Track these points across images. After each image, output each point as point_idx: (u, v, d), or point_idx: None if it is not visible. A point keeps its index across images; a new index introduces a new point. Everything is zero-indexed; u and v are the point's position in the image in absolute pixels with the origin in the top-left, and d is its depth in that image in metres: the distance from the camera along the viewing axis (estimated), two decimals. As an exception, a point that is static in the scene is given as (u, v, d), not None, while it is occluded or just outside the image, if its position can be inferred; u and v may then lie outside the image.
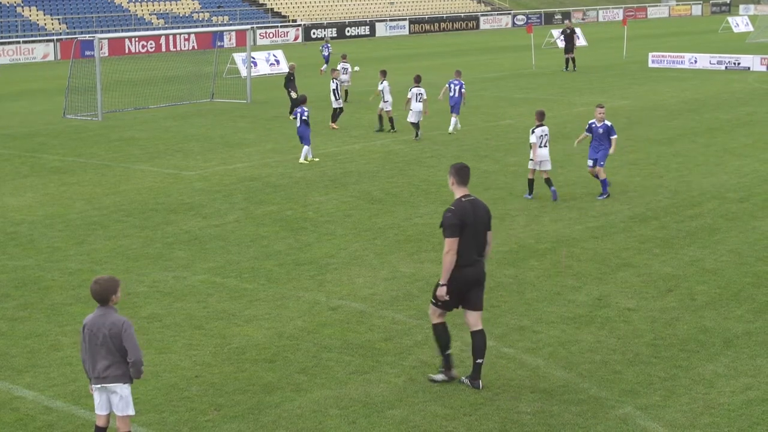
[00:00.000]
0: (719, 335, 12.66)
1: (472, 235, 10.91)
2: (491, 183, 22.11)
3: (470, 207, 10.98)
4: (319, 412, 10.54)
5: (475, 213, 10.99)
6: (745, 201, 20.09)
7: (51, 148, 28.30)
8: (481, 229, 11.05)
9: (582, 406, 10.60)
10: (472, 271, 10.98)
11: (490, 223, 11.19)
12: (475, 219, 10.95)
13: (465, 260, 10.91)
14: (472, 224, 10.91)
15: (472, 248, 10.96)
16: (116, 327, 8.84)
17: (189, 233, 18.23)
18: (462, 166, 11.27)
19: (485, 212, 11.12)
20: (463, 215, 10.87)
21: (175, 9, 74.70)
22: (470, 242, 10.91)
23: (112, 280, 8.95)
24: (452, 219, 10.85)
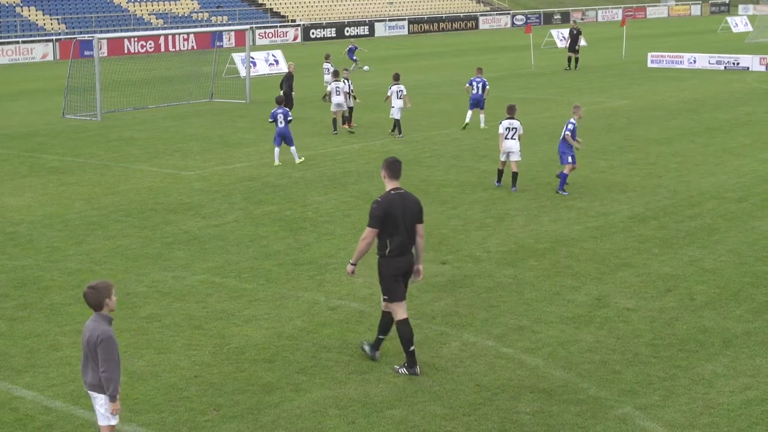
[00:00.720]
0: (718, 335, 12.66)
1: (401, 227, 11.33)
2: (490, 183, 22.10)
3: (399, 200, 11.40)
4: (319, 412, 10.54)
5: (404, 205, 11.40)
6: (744, 201, 20.10)
7: (50, 148, 28.30)
8: (411, 221, 11.43)
9: (581, 406, 10.60)
10: (404, 261, 11.45)
11: (422, 216, 11.55)
12: (403, 211, 11.36)
13: (397, 251, 11.37)
14: (401, 216, 11.33)
15: (403, 240, 11.37)
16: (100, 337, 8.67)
17: (188, 233, 18.23)
18: (393, 161, 11.62)
19: (415, 205, 11.51)
20: (388, 207, 11.29)
21: (174, 9, 74.69)
22: (401, 234, 11.34)
23: (104, 285, 8.81)
24: (377, 210, 11.30)
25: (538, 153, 25.95)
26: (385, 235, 11.35)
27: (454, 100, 37.88)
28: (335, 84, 29.64)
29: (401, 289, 11.52)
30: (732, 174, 22.86)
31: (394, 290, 11.48)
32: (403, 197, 11.46)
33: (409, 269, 11.55)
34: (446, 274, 15.41)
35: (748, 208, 19.45)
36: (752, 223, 18.33)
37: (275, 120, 24.69)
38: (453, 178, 22.72)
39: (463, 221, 18.68)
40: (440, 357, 12.02)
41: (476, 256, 16.39)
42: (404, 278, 11.55)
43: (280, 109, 24.84)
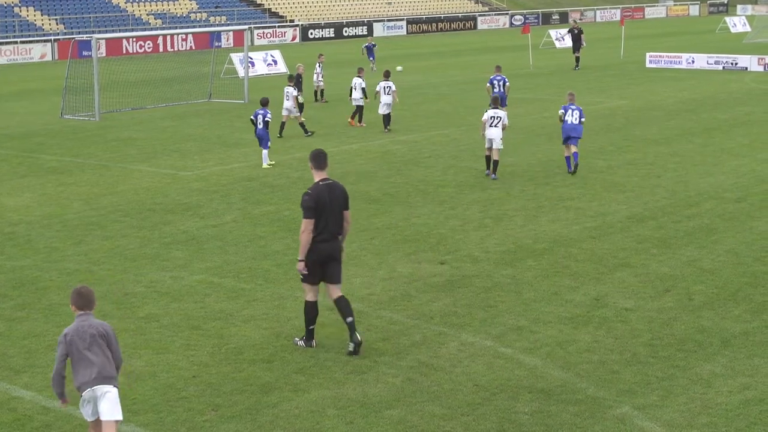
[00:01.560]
0: (717, 335, 12.67)
1: (329, 214, 12.02)
2: (489, 183, 22.11)
3: (326, 190, 12.07)
4: (317, 412, 10.54)
5: (331, 195, 12.07)
6: (743, 201, 20.11)
7: (48, 148, 28.29)
8: (338, 209, 12.12)
9: (580, 406, 10.60)
10: (327, 247, 12.09)
11: (347, 203, 12.25)
12: (331, 200, 12.04)
13: (321, 237, 12.03)
14: (329, 205, 12.01)
15: (329, 226, 12.06)
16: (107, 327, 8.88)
17: (186, 233, 18.22)
18: (319, 152, 12.32)
19: (342, 193, 12.19)
20: (318, 197, 11.95)
21: (172, 9, 74.68)
22: (327, 221, 12.03)
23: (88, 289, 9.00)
24: (309, 202, 11.95)
25: (537, 153, 25.96)
26: (317, 223, 12.02)
27: (452, 101, 37.89)
28: (287, 89, 29.62)
29: (317, 274, 12.14)
30: (730, 174, 22.87)
31: (309, 273, 12.12)
32: (330, 187, 12.13)
33: (334, 253, 12.16)
34: (445, 274, 15.42)
35: (746, 209, 19.46)
36: (750, 224, 18.33)
37: (255, 120, 24.53)
38: (451, 179, 22.72)
39: (461, 221, 18.69)
40: (439, 357, 12.03)
41: (474, 256, 16.40)
42: (328, 262, 12.14)
43: (261, 110, 24.58)
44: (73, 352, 8.82)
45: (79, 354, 8.81)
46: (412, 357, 12.05)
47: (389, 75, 30.22)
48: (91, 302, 8.91)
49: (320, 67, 37.93)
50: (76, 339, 8.79)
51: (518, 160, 25.00)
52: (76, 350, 8.81)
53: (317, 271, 12.16)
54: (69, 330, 8.87)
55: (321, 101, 37.75)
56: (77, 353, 8.82)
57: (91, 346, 8.80)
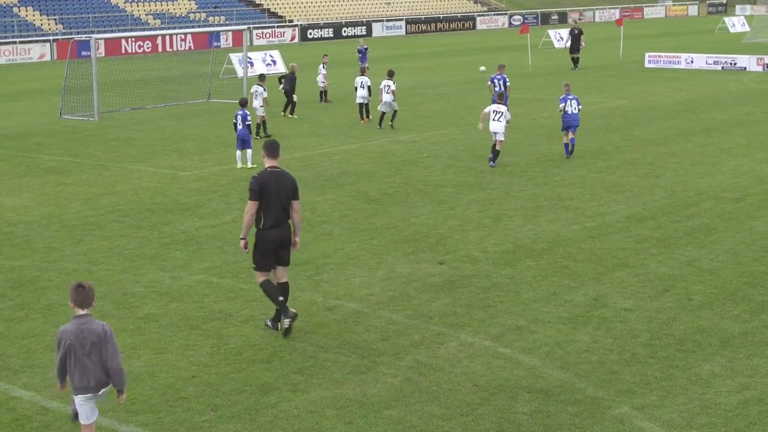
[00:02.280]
0: (716, 335, 12.67)
1: (275, 202, 12.47)
2: (488, 183, 22.11)
3: (274, 177, 12.53)
4: (316, 413, 10.54)
5: (278, 183, 12.53)
6: (742, 201, 20.12)
7: (47, 148, 28.28)
8: (286, 198, 12.58)
9: (579, 406, 10.60)
10: (277, 233, 12.58)
11: (296, 193, 12.71)
12: (277, 188, 12.49)
13: (270, 224, 12.52)
14: (275, 192, 12.47)
15: (277, 214, 12.52)
16: (107, 330, 8.84)
17: (186, 233, 18.22)
18: (272, 142, 12.85)
19: (289, 183, 12.64)
20: (263, 182, 12.44)
21: (171, 9, 74.67)
22: (275, 208, 12.49)
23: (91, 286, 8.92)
24: (254, 185, 12.49)
25: (535, 153, 25.96)
26: (261, 209, 12.49)
27: (451, 101, 37.89)
28: (255, 87, 29.68)
29: (270, 261, 12.70)
30: (729, 174, 22.88)
31: (262, 261, 12.70)
32: (278, 175, 12.59)
33: (284, 240, 12.68)
34: (444, 274, 15.42)
35: (745, 208, 19.47)
36: (749, 223, 18.34)
37: (236, 121, 24.36)
38: (450, 179, 22.72)
39: (460, 221, 18.69)
40: (438, 357, 12.03)
41: (474, 256, 16.40)
42: (278, 249, 12.68)
43: (240, 111, 24.39)
44: (71, 357, 8.79)
45: (77, 360, 8.79)
46: (411, 357, 12.05)
47: (392, 75, 30.80)
48: (90, 300, 8.87)
49: (324, 67, 37.83)
50: (76, 345, 8.74)
51: (517, 159, 25.01)
52: (75, 356, 8.78)
53: (270, 258, 12.66)
54: (67, 332, 8.79)
55: (325, 101, 37.62)
56: (75, 359, 8.79)
57: (90, 354, 8.78)
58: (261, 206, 12.46)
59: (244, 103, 25.01)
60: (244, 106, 24.76)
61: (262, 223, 12.54)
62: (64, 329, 8.86)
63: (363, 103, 32.27)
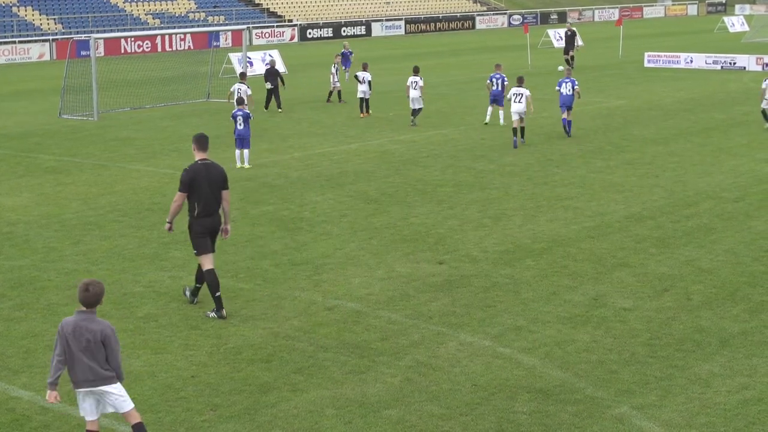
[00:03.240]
0: (715, 335, 12.67)
1: (207, 192, 13.28)
2: (487, 183, 22.11)
3: (204, 169, 13.34)
4: (315, 412, 10.54)
5: (208, 174, 13.32)
6: (741, 201, 20.12)
7: (47, 148, 28.27)
8: (215, 187, 13.37)
9: (578, 406, 10.61)
10: (209, 221, 13.43)
11: (226, 183, 13.49)
12: (208, 179, 13.29)
13: (203, 212, 13.35)
14: (206, 183, 13.26)
15: (209, 203, 13.33)
16: (110, 330, 8.87)
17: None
18: (201, 136, 13.59)
19: (219, 174, 13.42)
20: (194, 175, 13.25)
21: (170, 9, 74.65)
22: (207, 198, 13.30)
23: (101, 284, 8.94)
24: (184, 177, 13.29)
25: (535, 153, 25.97)
26: (194, 199, 13.29)
27: (451, 101, 37.87)
28: (237, 85, 29.86)
29: (208, 244, 13.49)
30: (729, 174, 22.88)
31: (201, 245, 13.46)
32: (208, 167, 13.39)
33: (216, 227, 13.56)
34: (443, 274, 15.42)
35: (744, 208, 19.47)
36: (749, 223, 18.34)
37: (235, 120, 24.38)
38: (450, 178, 22.72)
39: (459, 221, 18.68)
40: (437, 357, 12.03)
41: (473, 256, 16.40)
42: (211, 235, 13.54)
43: (240, 111, 24.44)
44: (67, 351, 8.82)
45: (72, 355, 8.82)
46: (411, 357, 12.05)
47: (418, 71, 31.37)
48: (96, 301, 8.86)
49: (336, 68, 37.71)
50: (72, 339, 8.80)
51: (517, 159, 25.01)
52: (70, 350, 8.81)
53: (207, 242, 13.51)
54: (67, 325, 8.84)
55: (341, 102, 37.23)
56: (71, 353, 8.82)
57: (86, 350, 8.80)
58: (193, 196, 13.29)
59: (240, 101, 25.01)
60: (241, 105, 24.76)
61: (196, 212, 13.36)
62: (65, 321, 8.91)
63: (363, 98, 33.24)
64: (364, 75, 33.20)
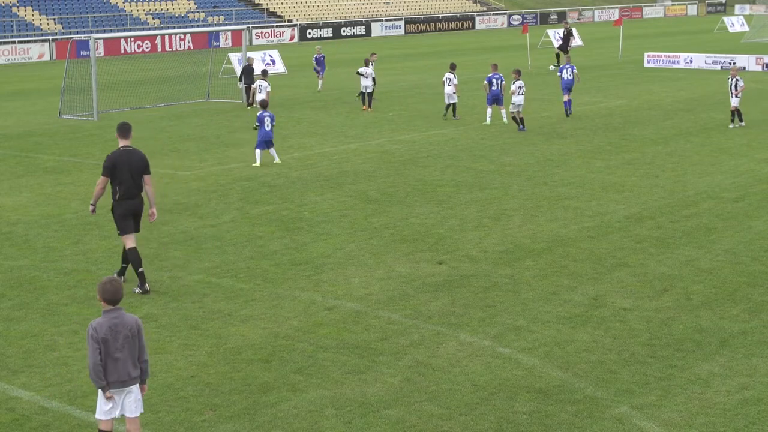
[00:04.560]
0: (715, 335, 12.67)
1: (128, 177, 14.27)
2: (487, 183, 22.11)
3: (125, 155, 14.33)
4: (315, 412, 10.54)
5: (130, 160, 14.32)
6: (741, 201, 20.12)
7: (46, 147, 28.27)
8: (138, 173, 14.37)
9: (578, 406, 10.61)
10: (130, 203, 14.43)
11: (147, 169, 14.50)
12: (129, 165, 14.28)
13: (126, 195, 14.37)
14: (127, 168, 14.26)
15: (130, 187, 14.33)
16: (139, 325, 8.91)
17: (185, 233, 18.22)
18: (124, 124, 14.55)
19: (140, 160, 14.43)
20: (116, 160, 14.26)
21: (170, 9, 74.65)
22: (129, 182, 14.30)
23: (120, 281, 8.97)
24: (107, 162, 14.33)
25: (535, 153, 25.97)
26: (115, 183, 14.30)
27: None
28: (259, 82, 31.93)
29: (131, 225, 14.50)
30: (728, 174, 22.88)
31: (124, 226, 14.48)
32: (129, 153, 14.38)
33: (137, 209, 14.56)
34: (443, 274, 15.42)
35: (744, 208, 19.47)
36: (748, 223, 18.34)
37: (261, 123, 24.55)
38: (449, 178, 22.72)
39: (459, 221, 18.69)
40: (437, 357, 12.03)
41: (473, 256, 16.40)
42: (134, 217, 14.54)
43: (267, 113, 24.68)
44: (104, 352, 8.76)
45: (109, 356, 8.78)
46: (411, 357, 12.05)
47: (454, 68, 32.63)
48: (121, 296, 8.87)
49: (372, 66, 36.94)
50: (110, 338, 8.75)
51: (516, 159, 25.02)
52: (106, 350, 8.76)
53: (130, 223, 14.51)
54: (100, 326, 8.76)
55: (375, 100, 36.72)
56: (107, 354, 8.77)
57: (123, 348, 8.79)
58: (115, 181, 14.29)
59: (265, 104, 25.33)
60: (266, 108, 25.06)
61: (118, 195, 14.39)
62: (97, 323, 8.80)
63: (365, 93, 34.69)
64: (367, 70, 34.53)
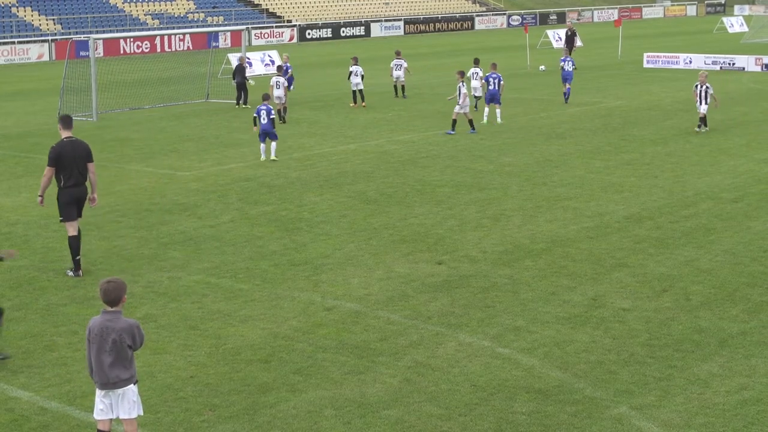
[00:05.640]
0: (714, 335, 12.68)
1: (72, 165, 15.05)
2: (486, 183, 22.11)
3: (69, 145, 15.12)
4: (314, 413, 10.54)
5: (74, 150, 15.11)
6: (740, 201, 20.12)
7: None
8: (81, 161, 15.13)
9: (577, 407, 10.61)
10: (77, 191, 15.26)
11: (90, 157, 15.27)
12: (73, 154, 15.07)
13: (69, 183, 15.16)
14: (71, 158, 15.03)
15: (74, 176, 15.12)
16: (136, 327, 8.89)
17: (184, 234, 18.22)
18: (66, 116, 15.38)
19: (84, 149, 15.21)
20: (60, 151, 15.04)
21: (170, 9, 74.65)
22: (72, 171, 15.09)
23: (122, 281, 8.95)
24: (51, 153, 15.09)
25: (534, 153, 25.97)
26: (60, 172, 15.09)
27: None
28: (276, 78, 32.39)
29: (73, 213, 15.28)
30: (727, 174, 22.88)
31: (67, 213, 15.29)
32: (73, 143, 15.16)
33: (81, 197, 15.34)
34: (442, 274, 15.42)
35: (743, 209, 19.47)
36: (748, 224, 18.35)
37: (258, 116, 25.09)
38: (449, 179, 22.72)
39: (458, 221, 18.69)
40: (436, 357, 12.03)
41: (472, 256, 16.40)
42: (77, 204, 15.34)
43: (264, 106, 25.21)
44: (94, 351, 8.80)
45: (98, 357, 8.79)
46: (410, 357, 12.05)
47: (478, 63, 34.12)
48: (118, 298, 8.85)
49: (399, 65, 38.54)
50: (99, 340, 8.78)
51: (515, 159, 25.02)
52: (96, 351, 8.78)
53: (73, 211, 15.30)
54: (94, 326, 8.82)
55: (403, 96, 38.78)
56: (96, 355, 8.79)
57: (111, 351, 8.78)
58: (60, 170, 15.05)
59: (266, 97, 25.88)
60: (267, 101, 25.57)
61: (62, 183, 15.17)
62: (92, 322, 8.87)
63: (356, 90, 35.96)
64: (357, 69, 35.65)
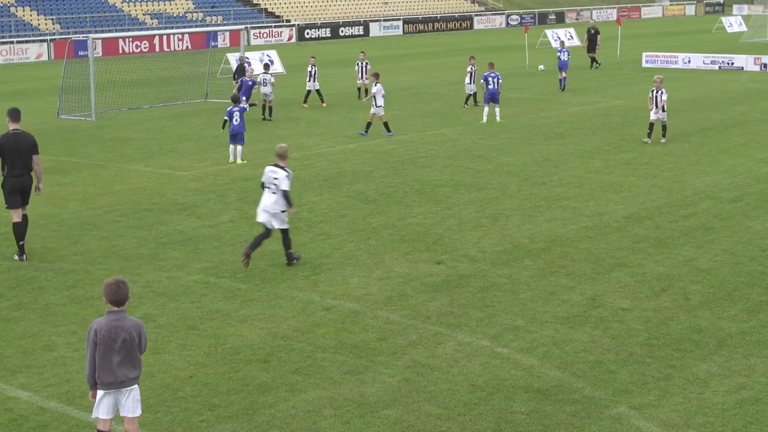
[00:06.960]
0: (713, 335, 12.68)
1: (16, 156, 15.92)
2: (485, 183, 22.11)
3: (14, 137, 15.96)
4: (314, 412, 10.54)
5: (18, 141, 15.95)
6: (739, 201, 20.13)
7: (44, 148, 28.11)
8: (26, 153, 16.00)
9: (576, 406, 10.61)
10: (21, 180, 16.12)
11: (35, 149, 16.07)
12: (17, 146, 15.92)
13: (15, 173, 16.01)
14: (15, 149, 15.91)
15: (18, 165, 15.96)
16: (140, 328, 8.90)
17: (183, 233, 18.21)
18: (14, 109, 16.09)
19: (28, 141, 16.04)
20: (5, 142, 15.94)
21: (168, 9, 74.63)
22: (15, 161, 15.95)
23: (125, 282, 8.93)
24: None
25: (533, 153, 25.97)
26: (5, 162, 15.99)
27: (449, 100, 37.86)
28: (263, 76, 32.85)
29: (18, 201, 16.14)
30: (726, 174, 22.89)
31: (11, 201, 16.17)
32: (17, 135, 16.00)
33: (25, 186, 16.21)
34: (441, 274, 15.42)
35: (742, 208, 19.48)
36: (747, 223, 18.35)
37: (230, 118, 25.04)
38: (448, 178, 22.72)
39: (458, 221, 18.69)
40: (435, 357, 12.03)
41: (471, 256, 16.40)
42: (22, 193, 16.18)
43: (236, 107, 25.21)
44: (101, 352, 8.78)
45: (105, 357, 8.78)
46: (409, 357, 12.05)
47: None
48: (126, 298, 8.85)
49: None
50: (108, 340, 8.76)
51: (514, 159, 25.02)
52: (103, 352, 8.77)
53: (17, 199, 16.16)
54: (99, 327, 8.78)
55: None
56: (103, 355, 8.77)
57: (120, 350, 8.78)
58: (6, 161, 15.92)
59: (236, 99, 25.99)
60: (237, 102, 25.66)
61: (6, 172, 16.01)
62: (97, 323, 8.83)
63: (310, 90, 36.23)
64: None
